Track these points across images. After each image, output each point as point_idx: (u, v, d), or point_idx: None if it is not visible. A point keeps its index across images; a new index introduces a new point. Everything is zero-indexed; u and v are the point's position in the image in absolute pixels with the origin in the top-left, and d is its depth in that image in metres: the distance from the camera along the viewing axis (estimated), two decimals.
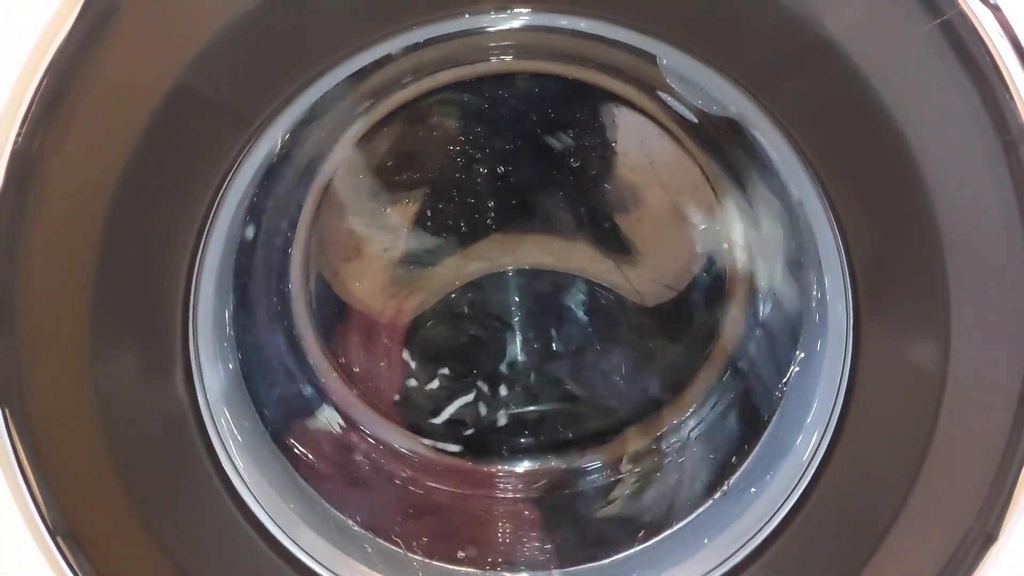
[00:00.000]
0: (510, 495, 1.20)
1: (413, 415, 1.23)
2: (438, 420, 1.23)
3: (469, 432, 1.24)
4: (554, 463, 1.23)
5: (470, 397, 1.24)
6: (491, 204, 1.21)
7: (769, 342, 1.10)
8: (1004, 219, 0.78)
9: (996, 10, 0.76)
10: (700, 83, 0.91)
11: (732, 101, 0.86)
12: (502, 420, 1.24)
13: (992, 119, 0.76)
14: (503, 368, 1.25)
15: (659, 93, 1.10)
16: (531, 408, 1.25)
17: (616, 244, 1.23)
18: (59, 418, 0.82)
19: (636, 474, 1.17)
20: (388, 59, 0.94)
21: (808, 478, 0.88)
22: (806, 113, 0.78)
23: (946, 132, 0.77)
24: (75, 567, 0.83)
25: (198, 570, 0.85)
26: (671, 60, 0.90)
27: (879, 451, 0.84)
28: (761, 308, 1.15)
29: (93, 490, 0.83)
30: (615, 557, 1.01)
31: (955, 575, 0.84)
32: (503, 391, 1.24)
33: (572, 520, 1.13)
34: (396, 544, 1.01)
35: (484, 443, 1.24)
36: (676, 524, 1.01)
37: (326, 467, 1.08)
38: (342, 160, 1.18)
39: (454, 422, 1.24)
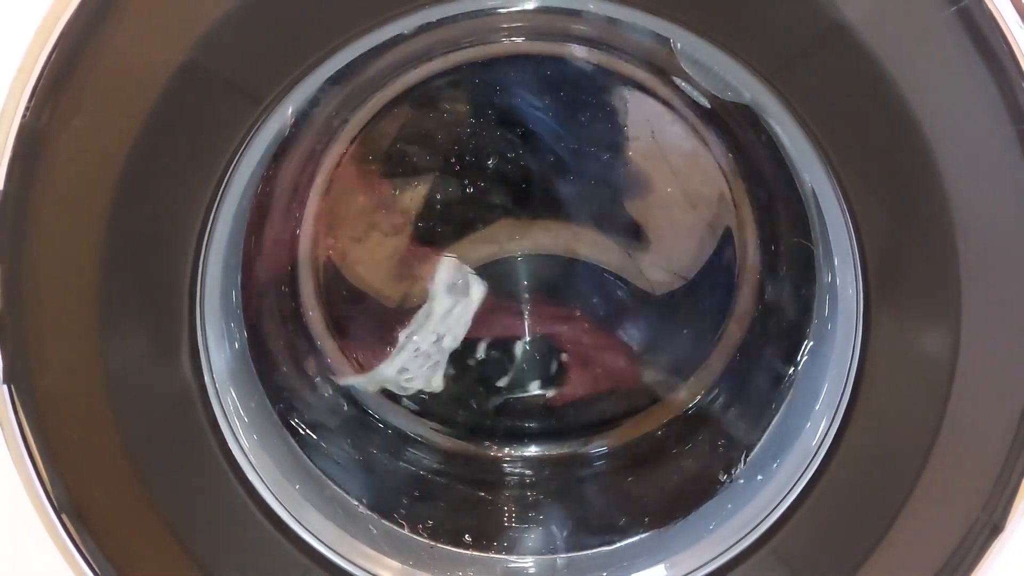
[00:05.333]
0: (517, 479, 1.20)
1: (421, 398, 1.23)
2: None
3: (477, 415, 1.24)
4: (561, 448, 1.23)
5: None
6: (500, 188, 1.21)
7: (778, 328, 1.10)
8: (1018, 208, 0.78)
9: None
10: (714, 68, 0.90)
11: (746, 87, 0.85)
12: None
13: (1008, 107, 0.75)
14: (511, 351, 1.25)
15: (672, 78, 1.10)
16: (538, 392, 1.25)
17: (626, 231, 1.23)
18: (66, 396, 0.82)
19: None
20: (400, 39, 0.94)
21: (815, 466, 0.87)
22: (821, 99, 0.78)
23: (961, 120, 0.76)
24: (80, 545, 0.83)
25: (203, 549, 0.85)
26: (685, 44, 0.90)
27: (887, 440, 0.84)
28: (771, 295, 1.15)
29: (99, 468, 0.83)
30: (621, 543, 1.01)
31: (960, 565, 0.84)
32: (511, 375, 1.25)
33: (579, 506, 1.13)
34: (401, 526, 1.01)
35: (491, 427, 1.24)
36: (683, 511, 1.00)
37: (332, 448, 1.08)
38: (352, 141, 1.17)
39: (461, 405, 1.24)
